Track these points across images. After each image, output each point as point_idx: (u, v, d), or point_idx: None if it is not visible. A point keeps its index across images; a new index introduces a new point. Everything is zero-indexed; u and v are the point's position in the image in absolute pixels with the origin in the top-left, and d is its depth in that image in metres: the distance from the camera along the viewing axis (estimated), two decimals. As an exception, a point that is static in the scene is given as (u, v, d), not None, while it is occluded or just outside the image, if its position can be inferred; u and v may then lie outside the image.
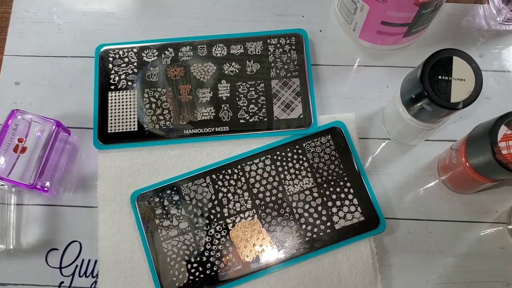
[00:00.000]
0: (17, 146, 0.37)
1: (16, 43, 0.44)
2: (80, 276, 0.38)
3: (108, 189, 0.39)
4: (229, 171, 0.39)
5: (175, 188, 0.39)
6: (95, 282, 0.38)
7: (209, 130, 0.40)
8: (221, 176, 0.39)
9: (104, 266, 0.37)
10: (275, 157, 0.39)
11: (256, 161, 0.39)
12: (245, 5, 0.45)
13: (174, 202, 0.38)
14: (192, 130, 0.40)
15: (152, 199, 0.38)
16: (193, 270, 0.37)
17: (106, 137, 0.40)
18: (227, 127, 0.40)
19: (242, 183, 0.39)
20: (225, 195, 0.38)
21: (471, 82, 0.31)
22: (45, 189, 0.38)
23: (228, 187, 0.39)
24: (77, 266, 0.38)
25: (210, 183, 0.39)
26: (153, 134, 0.40)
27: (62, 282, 0.38)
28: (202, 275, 0.37)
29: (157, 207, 0.38)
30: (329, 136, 0.40)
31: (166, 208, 0.38)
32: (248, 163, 0.39)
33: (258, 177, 0.39)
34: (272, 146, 0.40)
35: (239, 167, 0.39)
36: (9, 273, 0.38)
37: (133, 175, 0.39)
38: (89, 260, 0.38)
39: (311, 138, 0.40)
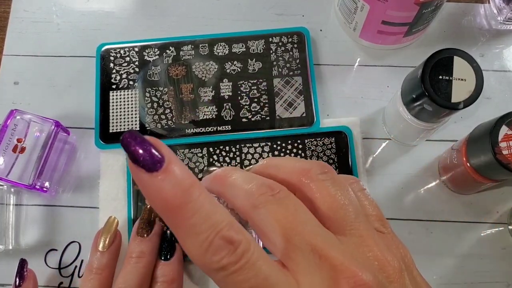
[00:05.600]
0: (16, 146, 0.37)
1: (15, 43, 0.44)
2: (79, 276, 0.38)
3: (110, 188, 0.39)
4: (227, 148, 0.39)
5: None
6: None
7: (211, 129, 0.40)
8: (218, 151, 0.39)
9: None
10: (274, 145, 0.39)
11: (256, 145, 0.39)
12: (245, 4, 0.45)
13: None
14: (194, 129, 0.40)
15: None
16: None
17: (108, 136, 0.40)
18: (229, 126, 0.40)
19: (237, 163, 0.39)
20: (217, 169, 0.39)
21: (472, 82, 0.31)
22: (44, 189, 0.38)
23: (222, 163, 0.39)
24: (76, 266, 0.38)
25: (206, 154, 0.39)
26: (155, 133, 0.40)
27: (61, 283, 0.38)
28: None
29: None
30: (333, 139, 0.40)
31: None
32: (247, 145, 0.39)
33: (253, 161, 0.39)
34: (275, 135, 0.40)
35: (237, 146, 0.39)
36: (8, 273, 0.38)
37: None
38: (89, 261, 0.38)
39: (314, 136, 0.40)
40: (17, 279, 0.33)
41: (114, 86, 0.41)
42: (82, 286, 0.32)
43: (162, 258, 0.33)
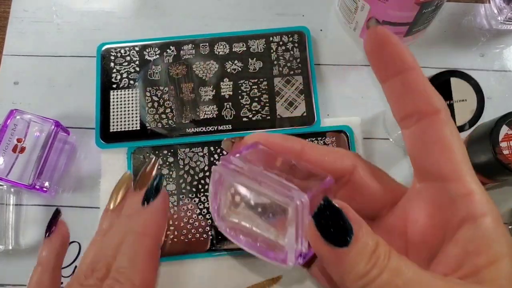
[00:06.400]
0: (16, 146, 0.37)
1: (15, 43, 0.44)
2: (79, 276, 0.38)
3: (111, 188, 0.39)
4: None
5: (172, 150, 0.39)
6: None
7: (211, 128, 0.40)
8: (218, 150, 0.39)
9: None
10: None
11: None
12: (245, 4, 0.45)
13: (168, 163, 0.39)
14: (195, 128, 0.40)
15: (148, 154, 0.39)
16: (168, 232, 0.37)
17: (108, 136, 0.40)
18: (230, 126, 0.40)
19: None
20: None
21: (472, 101, 0.31)
22: (44, 189, 0.38)
23: None
24: (76, 267, 0.38)
25: (207, 154, 0.39)
26: (156, 133, 0.40)
27: (61, 283, 0.37)
28: (175, 239, 0.37)
29: None
30: (334, 138, 0.40)
31: (159, 167, 0.39)
32: None
33: None
34: None
35: None
36: (8, 273, 0.38)
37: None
38: (89, 261, 0.38)
39: (315, 136, 0.40)
40: (49, 229, 0.29)
41: (114, 86, 0.41)
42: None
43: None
